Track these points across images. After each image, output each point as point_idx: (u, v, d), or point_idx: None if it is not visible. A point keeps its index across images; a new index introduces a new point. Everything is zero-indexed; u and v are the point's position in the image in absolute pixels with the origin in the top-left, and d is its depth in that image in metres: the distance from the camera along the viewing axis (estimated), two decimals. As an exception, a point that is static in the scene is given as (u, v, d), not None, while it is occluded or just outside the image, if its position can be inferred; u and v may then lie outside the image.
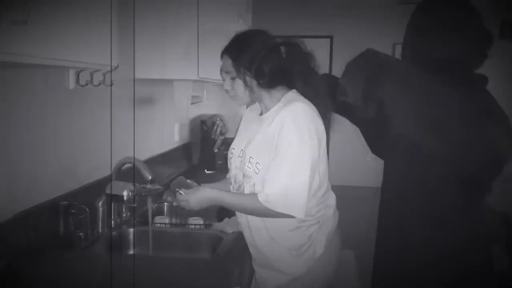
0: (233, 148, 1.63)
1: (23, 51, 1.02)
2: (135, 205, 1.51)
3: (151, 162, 2.37)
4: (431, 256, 1.37)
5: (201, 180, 2.93)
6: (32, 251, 1.40)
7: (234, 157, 1.60)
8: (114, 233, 1.73)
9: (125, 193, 1.50)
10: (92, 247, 1.59)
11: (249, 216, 1.52)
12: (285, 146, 1.40)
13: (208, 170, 3.00)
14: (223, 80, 1.54)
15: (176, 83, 2.19)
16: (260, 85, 1.46)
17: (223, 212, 2.12)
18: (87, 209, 1.59)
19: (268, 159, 1.43)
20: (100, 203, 1.67)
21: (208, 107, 3.27)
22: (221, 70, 1.54)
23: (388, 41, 5.94)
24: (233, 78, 1.48)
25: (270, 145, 1.43)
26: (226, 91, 1.52)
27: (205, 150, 3.10)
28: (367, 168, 5.74)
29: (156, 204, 1.92)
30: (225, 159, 3.24)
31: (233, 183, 1.59)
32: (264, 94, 1.50)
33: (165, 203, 2.15)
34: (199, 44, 2.14)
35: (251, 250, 1.60)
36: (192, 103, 2.24)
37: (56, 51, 1.14)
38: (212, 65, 2.32)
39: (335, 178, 1.79)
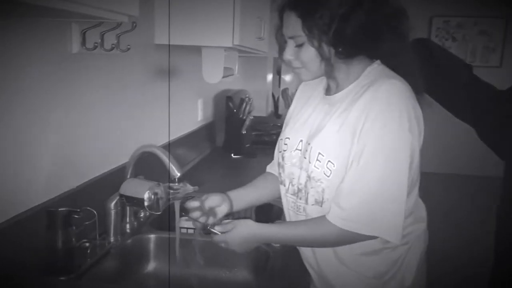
0: (288, 138, 1.21)
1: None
2: (160, 212, 1.13)
3: (170, 147, 1.98)
4: None
5: (227, 166, 2.58)
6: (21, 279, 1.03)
7: (289, 150, 1.19)
8: (128, 241, 1.35)
9: (146, 196, 1.11)
10: (101, 262, 1.21)
11: None
12: (374, 141, 0.99)
13: (234, 154, 2.61)
14: (282, 47, 1.12)
15: (205, 51, 1.78)
16: (338, 54, 1.04)
17: (264, 215, 1.74)
18: (95, 213, 1.20)
19: (345, 157, 1.03)
20: (113, 204, 1.28)
21: (230, 81, 2.86)
22: (280, 33, 1.11)
23: (424, 14, 5.44)
24: (300, 45, 1.05)
25: (349, 139, 1.02)
26: (289, 62, 1.10)
27: (231, 131, 2.70)
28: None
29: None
30: (252, 142, 2.89)
31: (287, 185, 1.18)
32: (339, 66, 1.07)
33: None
34: (235, 4, 1.72)
35: (311, 272, 1.21)
36: (223, 76, 1.83)
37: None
38: (248, 31, 1.92)
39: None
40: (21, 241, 1.06)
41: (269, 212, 1.70)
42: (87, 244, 1.24)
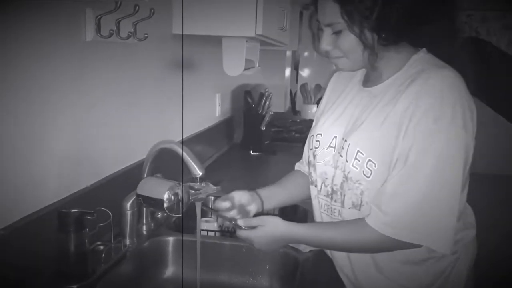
0: (319, 134, 1.10)
1: None
2: (181, 214, 1.04)
3: (186, 144, 1.89)
4: None
5: (246, 163, 2.47)
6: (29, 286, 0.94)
7: (322, 148, 1.08)
8: (145, 244, 1.25)
9: (165, 197, 1.01)
10: (117, 267, 1.11)
11: None
12: (423, 139, 0.88)
13: (253, 151, 2.50)
14: (317, 36, 1.01)
15: (226, 41, 1.68)
16: (380, 40, 0.93)
17: (287, 217, 1.63)
18: (110, 213, 1.10)
19: (388, 156, 0.92)
20: (129, 204, 1.19)
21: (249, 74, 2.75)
22: (313, 21, 1.00)
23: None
24: (337, 32, 0.94)
25: (394, 135, 0.91)
26: (326, 52, 0.98)
27: (250, 127, 2.60)
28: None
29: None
30: (272, 139, 2.78)
31: (319, 186, 1.08)
32: (381, 54, 0.96)
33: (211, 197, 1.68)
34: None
35: (346, 282, 1.10)
36: (245, 69, 1.73)
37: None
38: (270, 21, 1.81)
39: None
40: (30, 245, 0.97)
41: (294, 213, 1.59)
42: (101, 248, 1.15)
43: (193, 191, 1.07)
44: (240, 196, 1.12)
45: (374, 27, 0.90)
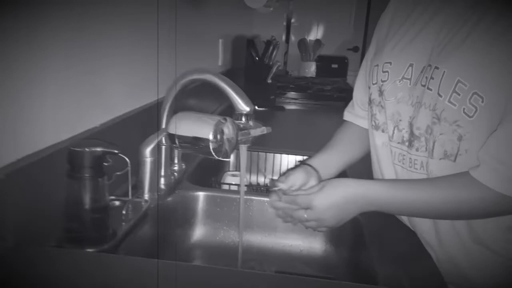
0: (388, 62, 0.87)
1: None
2: (229, 158, 0.80)
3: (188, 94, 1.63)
4: None
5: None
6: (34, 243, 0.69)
7: (392, 80, 0.86)
8: (169, 199, 1.02)
9: (211, 136, 0.76)
10: (138, 228, 0.87)
11: None
12: None
13: (259, 106, 2.26)
14: None
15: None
16: None
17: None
18: (127, 160, 0.85)
19: (502, 88, 0.70)
20: (149, 150, 0.94)
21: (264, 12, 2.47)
22: None
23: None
24: None
25: (508, 60, 0.70)
26: None
27: (253, 79, 2.35)
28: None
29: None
30: (275, 93, 2.54)
31: (391, 131, 0.86)
32: None
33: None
34: None
35: (428, 250, 0.90)
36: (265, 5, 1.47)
37: None
38: None
39: None
40: (29, 195, 0.71)
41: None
42: (117, 203, 0.91)
43: (243, 130, 0.83)
44: (294, 178, 0.87)
45: None
